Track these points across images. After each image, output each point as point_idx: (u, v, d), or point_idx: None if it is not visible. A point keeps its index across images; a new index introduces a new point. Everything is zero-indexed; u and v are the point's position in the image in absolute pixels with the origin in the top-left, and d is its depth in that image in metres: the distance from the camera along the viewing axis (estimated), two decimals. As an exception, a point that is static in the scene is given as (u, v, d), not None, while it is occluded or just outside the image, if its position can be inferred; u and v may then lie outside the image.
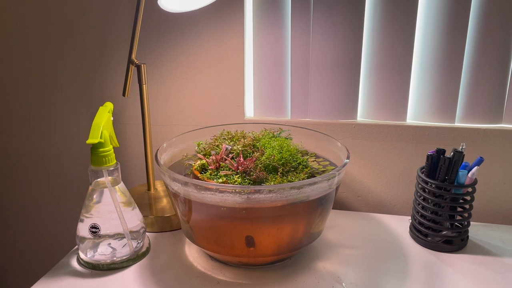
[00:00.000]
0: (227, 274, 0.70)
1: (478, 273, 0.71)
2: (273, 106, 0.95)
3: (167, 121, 0.99)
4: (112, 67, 0.98)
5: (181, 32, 0.93)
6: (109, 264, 0.72)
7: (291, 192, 0.63)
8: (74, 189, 1.10)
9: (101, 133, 0.68)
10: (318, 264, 0.73)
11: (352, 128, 0.91)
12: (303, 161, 0.73)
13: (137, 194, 0.89)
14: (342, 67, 0.89)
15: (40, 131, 1.07)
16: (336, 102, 0.91)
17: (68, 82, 1.02)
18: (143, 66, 0.83)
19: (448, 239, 0.76)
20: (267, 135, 0.80)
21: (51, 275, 0.71)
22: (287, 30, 0.89)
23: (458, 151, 0.74)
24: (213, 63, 0.93)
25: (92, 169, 0.70)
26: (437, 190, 0.75)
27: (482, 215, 0.90)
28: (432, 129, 0.88)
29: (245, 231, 0.66)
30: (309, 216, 0.68)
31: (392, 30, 0.86)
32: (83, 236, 0.71)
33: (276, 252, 0.69)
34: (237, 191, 0.62)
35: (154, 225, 0.82)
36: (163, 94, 0.98)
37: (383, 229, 0.84)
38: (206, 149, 0.77)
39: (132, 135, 1.02)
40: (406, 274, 0.70)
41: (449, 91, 0.87)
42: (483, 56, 0.84)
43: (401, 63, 0.87)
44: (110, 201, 0.70)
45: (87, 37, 0.97)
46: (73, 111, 1.04)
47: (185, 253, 0.76)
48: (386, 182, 0.93)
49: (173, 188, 0.68)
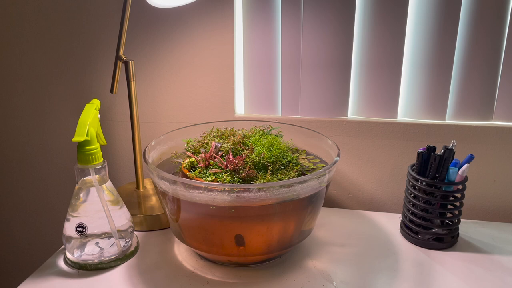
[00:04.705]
0: (217, 274, 0.70)
1: (468, 271, 0.71)
2: (263, 103, 0.94)
3: (156, 118, 0.98)
4: (100, 64, 0.97)
5: (170, 28, 0.92)
6: (96, 264, 0.71)
7: (281, 190, 0.62)
8: (61, 187, 1.08)
9: (87, 130, 0.66)
10: (308, 262, 0.73)
11: (343, 125, 0.91)
12: (293, 158, 0.72)
13: (125, 193, 0.88)
14: (332, 64, 0.88)
15: (27, 128, 1.05)
16: (327, 99, 0.91)
17: (55, 78, 1.00)
18: (131, 63, 0.81)
19: (438, 236, 0.76)
20: (257, 132, 0.79)
21: (37, 276, 0.70)
22: (278, 26, 0.89)
23: (448, 148, 0.73)
24: (202, 60, 0.92)
25: (79, 167, 0.69)
26: (428, 188, 0.75)
27: (472, 212, 0.91)
28: (422, 126, 0.88)
29: (235, 230, 0.65)
30: (299, 214, 0.68)
31: (383, 27, 0.85)
32: (69, 236, 0.70)
33: (266, 251, 0.68)
34: (226, 190, 0.61)
35: (142, 224, 0.81)
36: (152, 91, 0.97)
37: (374, 227, 0.84)
38: (195, 147, 0.76)
39: (120, 133, 1.01)
40: (397, 272, 0.70)
41: (440, 88, 0.86)
42: (473, 53, 0.84)
43: (392, 60, 0.86)
44: (97, 200, 0.69)
45: (74, 33, 0.96)
46: (61, 108, 1.02)
47: (174, 252, 0.75)
48: (376, 180, 0.93)
49: (161, 187, 0.67)
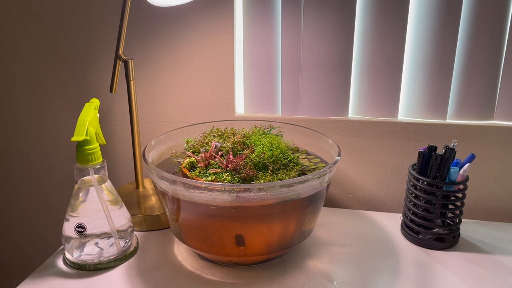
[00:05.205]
0: (217, 274, 0.69)
1: (469, 271, 0.70)
2: (263, 103, 0.93)
3: (156, 118, 0.98)
4: (99, 63, 0.96)
5: (169, 27, 0.91)
6: (96, 264, 0.70)
7: (282, 190, 0.62)
8: (61, 187, 1.08)
9: (86, 130, 0.66)
10: (309, 262, 0.72)
11: (343, 125, 0.90)
12: (293, 158, 0.72)
13: (125, 193, 0.88)
14: (333, 63, 0.88)
15: (26, 127, 1.05)
16: (327, 98, 0.90)
17: (54, 78, 1.00)
18: (131, 62, 0.81)
19: (439, 236, 0.76)
20: (257, 132, 0.79)
21: (36, 276, 0.69)
22: (278, 26, 0.88)
23: (449, 148, 0.73)
24: (202, 59, 0.92)
25: (78, 167, 0.68)
26: (429, 188, 0.75)
27: (473, 212, 0.90)
28: (423, 126, 0.88)
29: (235, 230, 0.65)
30: (300, 214, 0.67)
31: (384, 26, 0.85)
32: (69, 236, 0.70)
33: (266, 251, 0.68)
34: (226, 190, 0.61)
35: (142, 223, 0.81)
36: (151, 90, 0.96)
37: (375, 227, 0.83)
38: (195, 147, 0.76)
39: (120, 132, 1.01)
40: (398, 272, 0.70)
41: (440, 87, 0.86)
42: (474, 53, 0.84)
43: (392, 59, 0.86)
44: (97, 199, 0.69)
45: (73, 32, 0.95)
46: (60, 108, 1.02)
47: (174, 253, 0.75)
48: (377, 179, 0.92)
49: (161, 187, 0.67)
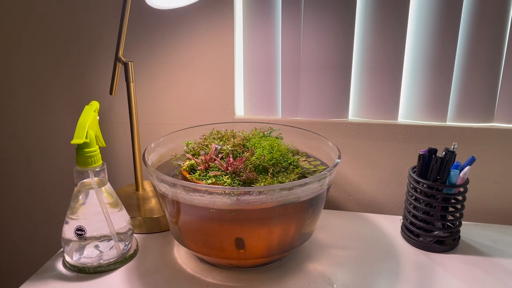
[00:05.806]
0: (217, 277, 0.69)
1: (470, 273, 0.70)
2: (263, 105, 0.93)
3: (155, 120, 0.98)
4: (99, 65, 0.96)
5: (169, 29, 0.91)
6: (95, 267, 0.70)
7: (282, 193, 0.61)
8: (60, 190, 1.08)
9: (86, 133, 0.66)
10: (309, 265, 0.72)
11: (344, 127, 0.90)
12: (293, 161, 0.72)
13: (125, 195, 0.88)
14: (333, 66, 0.88)
15: (25, 130, 1.04)
16: (327, 101, 0.90)
17: (54, 80, 0.99)
18: (131, 64, 0.81)
19: (439, 239, 0.76)
20: (257, 134, 0.78)
21: (35, 279, 0.69)
22: (278, 28, 0.88)
23: (450, 150, 0.73)
24: (202, 61, 0.92)
25: (78, 170, 0.68)
26: (429, 190, 0.74)
27: (473, 214, 0.90)
28: (423, 128, 0.87)
29: (235, 233, 0.64)
30: (300, 217, 0.67)
31: (384, 28, 0.85)
32: (68, 239, 0.70)
33: (266, 254, 0.68)
34: (226, 193, 0.61)
35: (142, 226, 0.81)
36: (151, 92, 0.96)
37: (375, 229, 0.83)
38: (195, 149, 0.76)
39: (120, 135, 1.00)
40: (398, 275, 0.70)
41: (440, 89, 0.86)
42: (474, 55, 0.84)
43: (392, 62, 0.86)
44: (96, 202, 0.69)
45: (73, 34, 0.95)
46: (59, 110, 1.01)
47: (174, 255, 0.75)
48: (377, 182, 0.92)
49: (161, 190, 0.67)
